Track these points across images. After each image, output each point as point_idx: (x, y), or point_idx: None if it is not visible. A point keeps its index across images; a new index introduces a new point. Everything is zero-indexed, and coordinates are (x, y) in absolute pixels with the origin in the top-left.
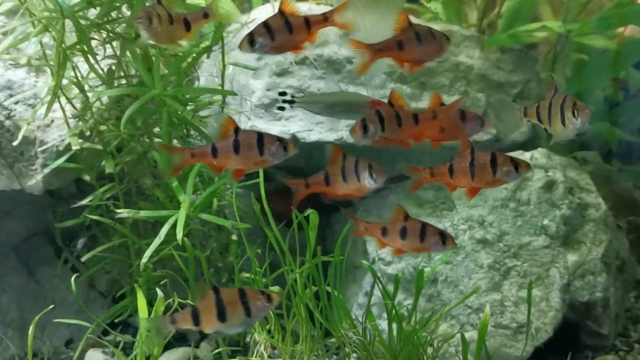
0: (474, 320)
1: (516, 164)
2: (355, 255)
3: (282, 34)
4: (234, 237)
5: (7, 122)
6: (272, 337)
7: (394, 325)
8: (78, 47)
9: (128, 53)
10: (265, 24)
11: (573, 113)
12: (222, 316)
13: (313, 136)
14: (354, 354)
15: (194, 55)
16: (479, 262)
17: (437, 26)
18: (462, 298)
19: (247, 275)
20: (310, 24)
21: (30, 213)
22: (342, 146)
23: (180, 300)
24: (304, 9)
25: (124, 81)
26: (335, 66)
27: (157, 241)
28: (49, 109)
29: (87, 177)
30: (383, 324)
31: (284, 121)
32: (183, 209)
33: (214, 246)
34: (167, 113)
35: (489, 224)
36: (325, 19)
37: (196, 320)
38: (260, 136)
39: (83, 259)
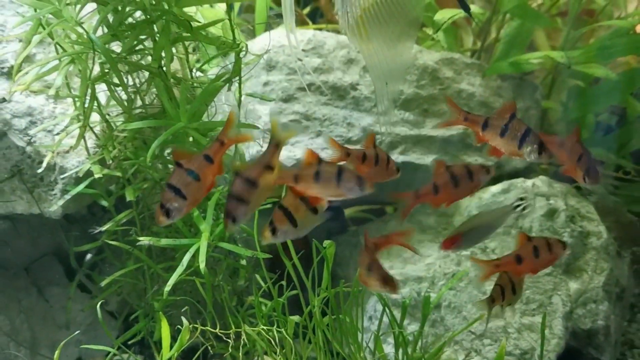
0: (477, 346)
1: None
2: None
3: (192, 186)
4: (244, 261)
5: (28, 148)
6: None
7: (401, 351)
8: (105, 78)
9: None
10: (170, 185)
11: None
12: None
13: None
14: None
15: (215, 87)
16: (482, 289)
17: (438, 54)
18: (466, 324)
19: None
20: (211, 158)
21: (42, 234)
22: None
23: (202, 327)
24: (309, 35)
25: (139, 110)
26: (339, 92)
27: (179, 270)
28: (79, 140)
29: (105, 203)
30: (387, 348)
31: (289, 146)
32: (204, 237)
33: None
34: (189, 144)
35: (491, 251)
36: (221, 144)
37: None
38: None
39: (103, 283)
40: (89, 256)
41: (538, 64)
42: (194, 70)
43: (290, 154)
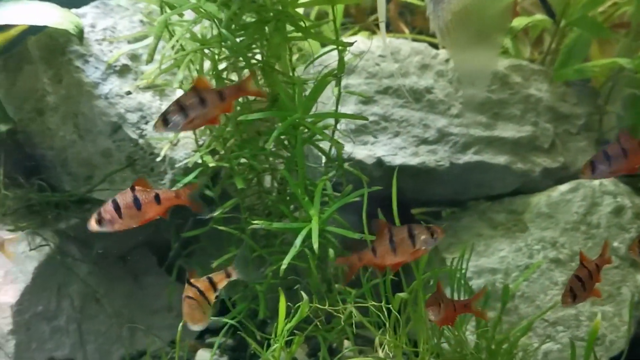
0: (550, 332)
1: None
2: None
3: (196, 109)
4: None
5: (140, 141)
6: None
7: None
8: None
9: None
10: (179, 102)
11: None
12: None
13: (397, 160)
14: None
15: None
16: (554, 280)
17: (507, 61)
18: (540, 312)
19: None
20: (224, 96)
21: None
22: (422, 170)
23: (318, 306)
24: (386, 41)
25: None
26: (415, 95)
27: (293, 251)
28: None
29: (211, 193)
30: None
31: (370, 146)
32: (314, 221)
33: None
34: (301, 136)
35: (560, 245)
36: (239, 89)
37: None
38: None
39: (214, 265)
40: (175, 247)
41: (597, 72)
42: (296, 68)
43: (370, 152)
